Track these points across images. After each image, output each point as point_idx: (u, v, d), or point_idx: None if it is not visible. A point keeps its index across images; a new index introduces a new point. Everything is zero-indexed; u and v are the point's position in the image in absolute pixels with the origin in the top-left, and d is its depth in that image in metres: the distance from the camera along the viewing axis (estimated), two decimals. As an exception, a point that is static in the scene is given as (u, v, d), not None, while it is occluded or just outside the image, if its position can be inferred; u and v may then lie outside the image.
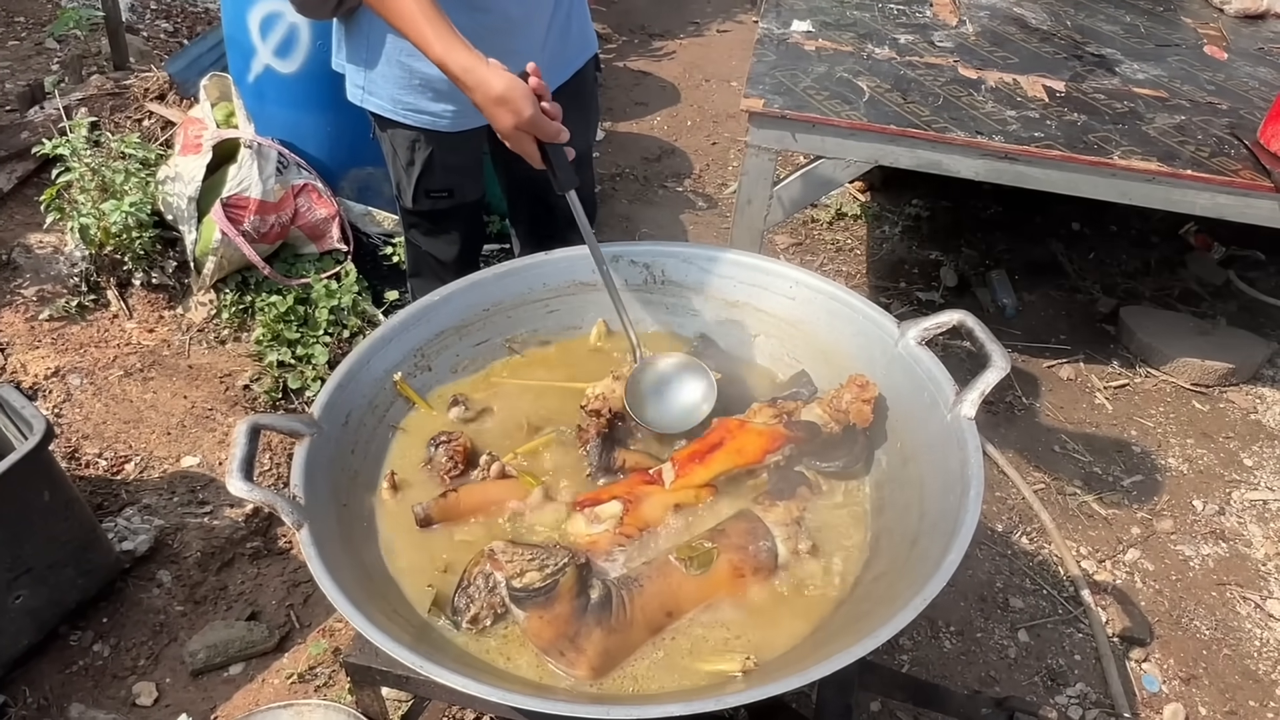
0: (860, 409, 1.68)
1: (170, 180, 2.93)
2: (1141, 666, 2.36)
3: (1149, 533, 2.70)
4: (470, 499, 1.59)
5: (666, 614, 1.45)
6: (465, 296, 1.97)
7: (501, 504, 1.60)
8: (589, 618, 1.39)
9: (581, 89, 2.24)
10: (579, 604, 1.39)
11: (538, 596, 1.37)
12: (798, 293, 1.95)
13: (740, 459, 1.64)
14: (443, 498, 1.58)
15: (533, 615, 1.38)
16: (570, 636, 1.37)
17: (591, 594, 1.41)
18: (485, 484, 1.63)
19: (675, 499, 1.62)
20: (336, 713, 1.67)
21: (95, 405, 2.65)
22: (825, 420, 1.69)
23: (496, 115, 1.63)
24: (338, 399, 1.72)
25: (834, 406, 1.70)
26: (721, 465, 1.64)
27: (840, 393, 1.71)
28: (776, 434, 1.66)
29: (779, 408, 1.70)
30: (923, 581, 1.36)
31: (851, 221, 3.98)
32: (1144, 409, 3.13)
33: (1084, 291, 3.62)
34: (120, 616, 2.21)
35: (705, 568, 1.48)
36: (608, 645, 1.38)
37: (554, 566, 1.39)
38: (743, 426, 1.67)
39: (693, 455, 1.66)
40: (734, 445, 1.64)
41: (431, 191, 2.18)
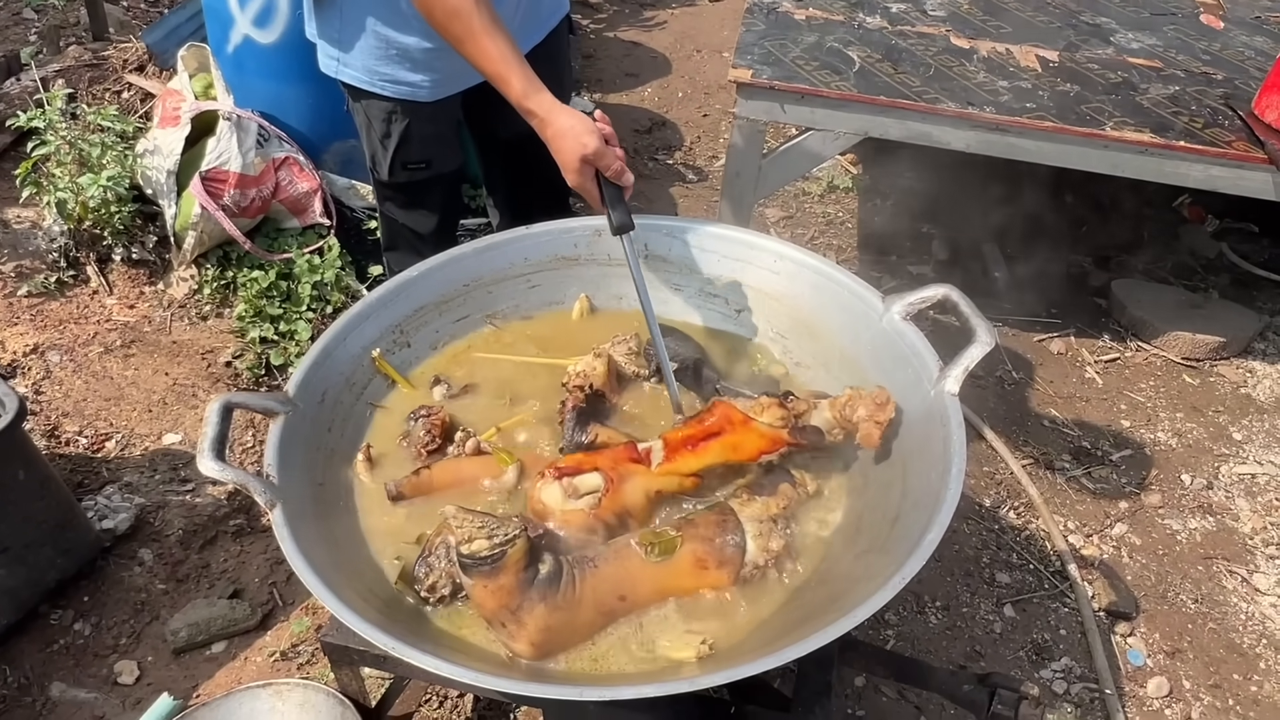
0: (869, 431, 1.57)
1: (149, 153, 2.89)
2: (1127, 641, 2.36)
3: (1137, 507, 2.69)
4: (443, 476, 1.57)
5: (619, 598, 1.40)
6: (445, 272, 1.94)
7: (475, 481, 1.58)
8: (533, 592, 1.35)
9: (554, 50, 2.20)
10: (525, 577, 1.35)
11: (483, 565, 1.33)
12: (782, 267, 1.92)
13: (734, 455, 1.56)
14: (415, 475, 1.57)
15: (477, 583, 1.35)
16: (513, 609, 1.34)
17: (540, 568, 1.37)
18: (459, 460, 1.61)
19: (659, 484, 1.54)
20: (316, 692, 1.66)
21: (75, 382, 2.62)
22: (831, 425, 1.61)
23: (564, 148, 1.68)
24: (314, 377, 1.69)
25: (844, 415, 1.60)
26: (713, 458, 1.55)
27: (854, 402, 1.60)
28: (777, 439, 1.57)
29: (790, 408, 1.60)
30: (903, 559, 1.34)
31: (843, 194, 3.94)
32: (1134, 383, 3.11)
33: (1075, 265, 3.60)
34: (101, 595, 2.19)
35: (667, 556, 1.43)
36: (550, 622, 1.35)
37: (503, 537, 1.35)
38: (746, 424, 1.57)
39: (686, 440, 1.57)
40: (731, 440, 1.56)
41: (409, 163, 2.14)
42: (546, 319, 2.02)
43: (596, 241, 2.03)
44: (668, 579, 1.43)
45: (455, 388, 1.81)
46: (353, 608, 1.30)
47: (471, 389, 1.83)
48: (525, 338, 1.97)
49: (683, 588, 1.44)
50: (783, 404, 1.59)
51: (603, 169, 1.69)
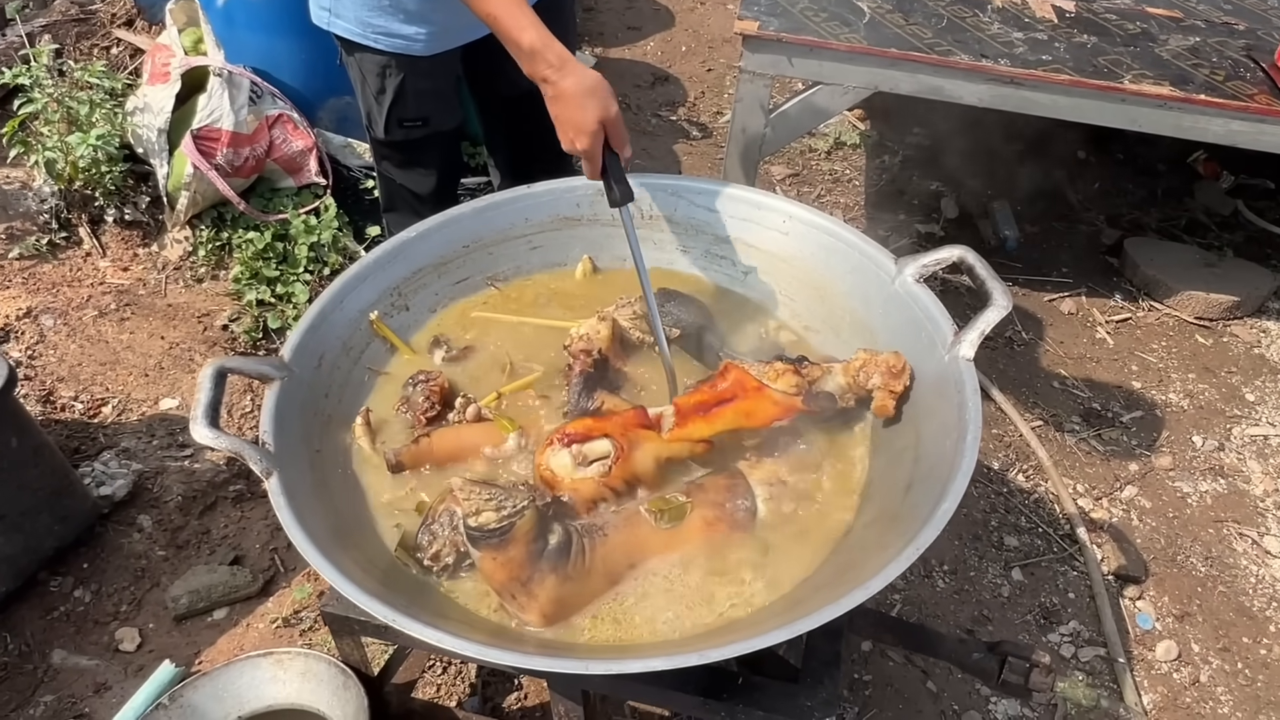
0: (883, 400, 1.54)
1: (139, 111, 2.81)
2: (1136, 604, 2.34)
3: (1147, 469, 2.66)
4: (443, 444, 1.54)
5: (630, 566, 1.39)
6: (444, 233, 1.89)
7: (476, 448, 1.54)
8: (544, 563, 1.33)
9: (559, 2, 2.11)
10: (535, 548, 1.33)
11: (492, 537, 1.31)
12: (791, 227, 1.86)
13: (747, 422, 1.53)
14: (414, 443, 1.53)
15: (486, 555, 1.33)
16: (523, 581, 1.32)
17: (550, 539, 1.34)
18: (459, 428, 1.57)
19: (670, 450, 1.51)
20: (317, 661, 1.63)
21: (70, 347, 2.58)
22: (844, 391, 1.57)
23: (585, 106, 1.57)
24: (309, 341, 1.65)
25: (858, 381, 1.56)
26: (726, 424, 1.52)
27: (868, 367, 1.56)
28: (791, 407, 1.53)
29: (804, 374, 1.55)
30: (916, 529, 1.31)
31: (850, 151, 3.86)
32: (1146, 343, 3.06)
33: (1088, 223, 3.53)
34: (101, 562, 2.17)
35: (676, 522, 1.41)
36: (561, 593, 1.33)
37: (511, 508, 1.32)
38: (760, 391, 1.53)
39: (698, 405, 1.53)
40: (744, 406, 1.52)
41: (405, 120, 2.07)
42: (549, 281, 1.97)
43: (600, 201, 1.96)
44: (677, 544, 1.40)
45: (455, 350, 1.77)
46: (351, 578, 1.27)
47: (471, 352, 1.79)
48: (527, 300, 1.92)
49: (694, 554, 1.41)
50: (797, 370, 1.55)
51: (613, 136, 1.61)
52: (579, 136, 1.59)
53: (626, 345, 1.77)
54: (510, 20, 1.59)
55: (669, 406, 1.56)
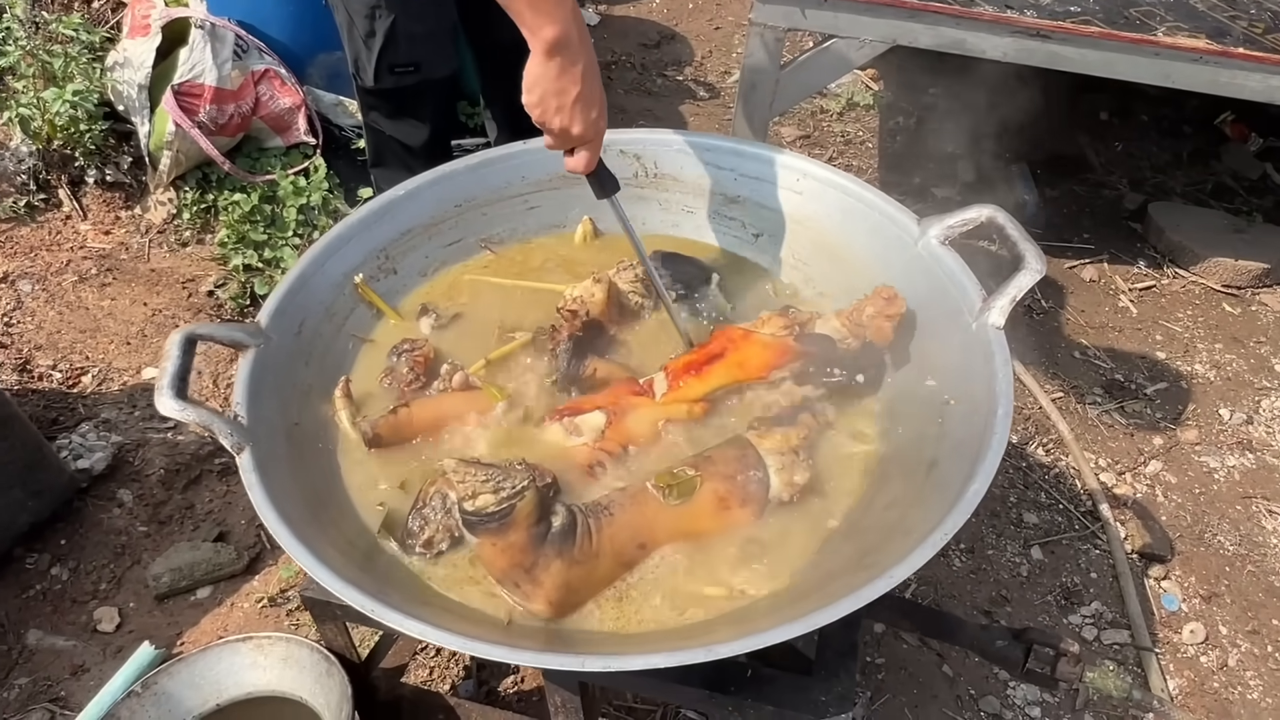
0: (880, 325, 1.50)
1: (119, 66, 2.68)
2: (1161, 584, 2.24)
3: (1172, 443, 2.55)
4: (423, 414, 1.43)
5: (639, 546, 1.29)
6: (434, 191, 1.78)
7: (460, 418, 1.44)
8: (548, 548, 1.24)
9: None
10: (538, 532, 1.24)
11: (490, 522, 1.22)
12: (805, 186, 1.74)
13: (741, 373, 1.48)
14: (393, 414, 1.42)
15: (485, 542, 1.24)
16: (526, 567, 1.23)
17: (554, 521, 1.26)
18: (441, 397, 1.46)
19: (665, 413, 1.46)
20: (299, 646, 1.54)
21: (48, 313, 2.47)
22: (842, 334, 1.52)
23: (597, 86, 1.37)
24: (289, 305, 1.54)
25: (853, 320, 1.51)
26: (719, 379, 1.47)
27: (862, 304, 1.52)
28: (785, 348, 1.48)
29: (790, 318, 1.52)
30: (941, 512, 1.21)
31: (863, 112, 3.71)
32: (1171, 312, 2.94)
33: (1110, 187, 3.39)
34: (79, 538, 2.08)
35: (686, 498, 1.32)
36: (569, 578, 1.24)
37: (510, 489, 1.23)
38: (747, 337, 1.50)
39: (689, 366, 1.49)
40: (735, 358, 1.48)
41: (396, 66, 1.94)
42: (547, 243, 1.85)
43: (603, 158, 1.84)
44: (689, 522, 1.32)
45: (444, 318, 1.65)
46: (329, 563, 1.17)
47: (461, 319, 1.67)
48: (524, 265, 1.80)
49: (705, 530, 1.32)
50: (783, 314, 1.51)
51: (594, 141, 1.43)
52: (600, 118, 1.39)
53: (625, 311, 1.66)
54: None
55: (660, 372, 1.49)
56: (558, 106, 1.35)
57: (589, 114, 1.36)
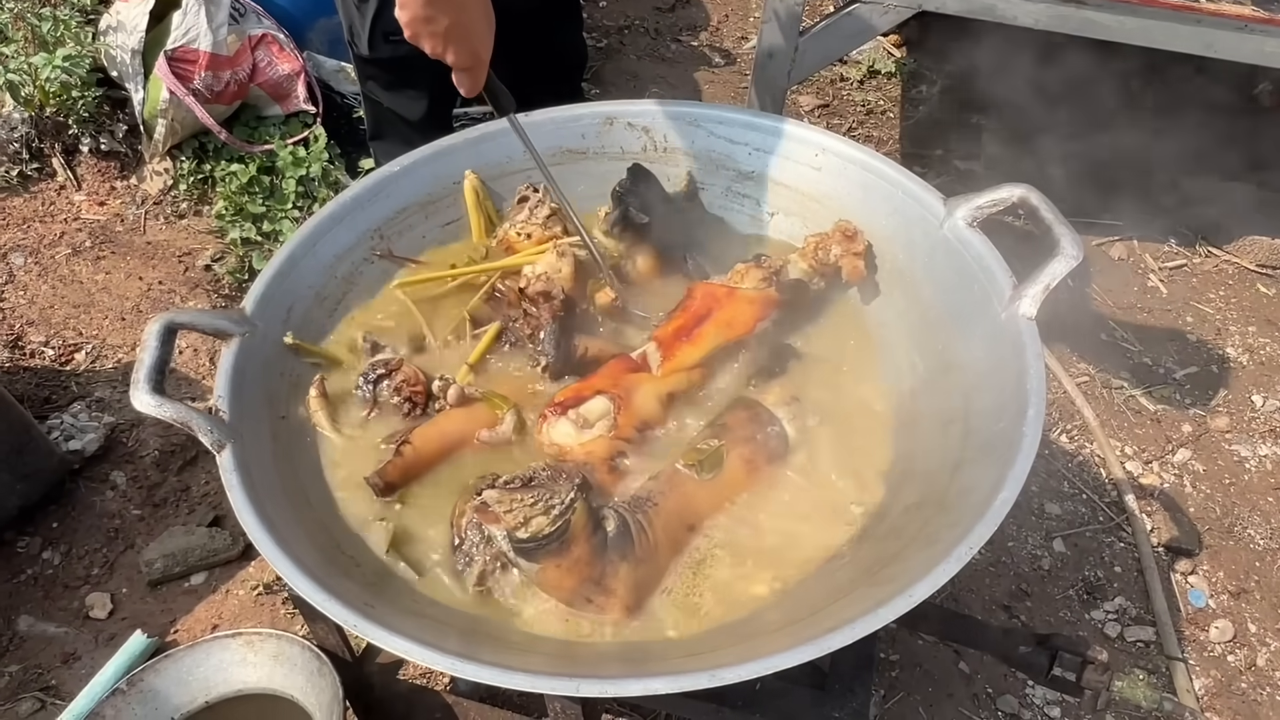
0: (852, 263, 1.50)
1: (112, 30, 2.59)
2: (1188, 579, 2.15)
3: (1202, 431, 2.45)
4: (429, 447, 1.33)
5: (688, 528, 1.29)
6: (432, 167, 1.69)
7: (467, 439, 1.35)
8: (611, 554, 1.20)
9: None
10: (596, 541, 1.19)
11: (550, 544, 1.16)
12: (824, 161, 1.65)
13: (731, 331, 1.45)
14: (398, 455, 1.31)
15: (548, 565, 1.18)
16: (596, 580, 1.19)
17: (607, 526, 1.21)
18: (441, 422, 1.36)
19: (668, 385, 1.42)
20: (291, 644, 1.48)
21: (41, 287, 2.40)
22: (810, 274, 1.52)
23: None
24: (276, 290, 1.47)
25: (819, 259, 1.51)
26: (712, 341, 1.45)
27: (825, 242, 1.52)
28: (769, 299, 1.47)
29: (766, 267, 1.50)
30: (968, 521, 1.13)
31: (885, 80, 3.57)
32: (1202, 293, 2.83)
33: (1140, 160, 3.25)
34: (71, 521, 2.03)
35: (717, 469, 1.31)
36: (637, 578, 1.21)
37: (561, 504, 1.17)
38: (731, 295, 1.47)
39: (679, 332, 1.45)
40: (723, 317, 1.45)
41: (391, 34, 1.85)
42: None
43: (607, 131, 1.76)
44: (725, 490, 1.32)
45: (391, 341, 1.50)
46: (312, 573, 1.10)
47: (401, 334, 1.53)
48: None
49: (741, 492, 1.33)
50: (758, 264, 1.50)
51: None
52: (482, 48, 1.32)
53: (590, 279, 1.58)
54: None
55: (650, 344, 1.45)
56: (429, 33, 1.28)
57: (464, 45, 1.29)
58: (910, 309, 1.51)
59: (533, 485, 1.20)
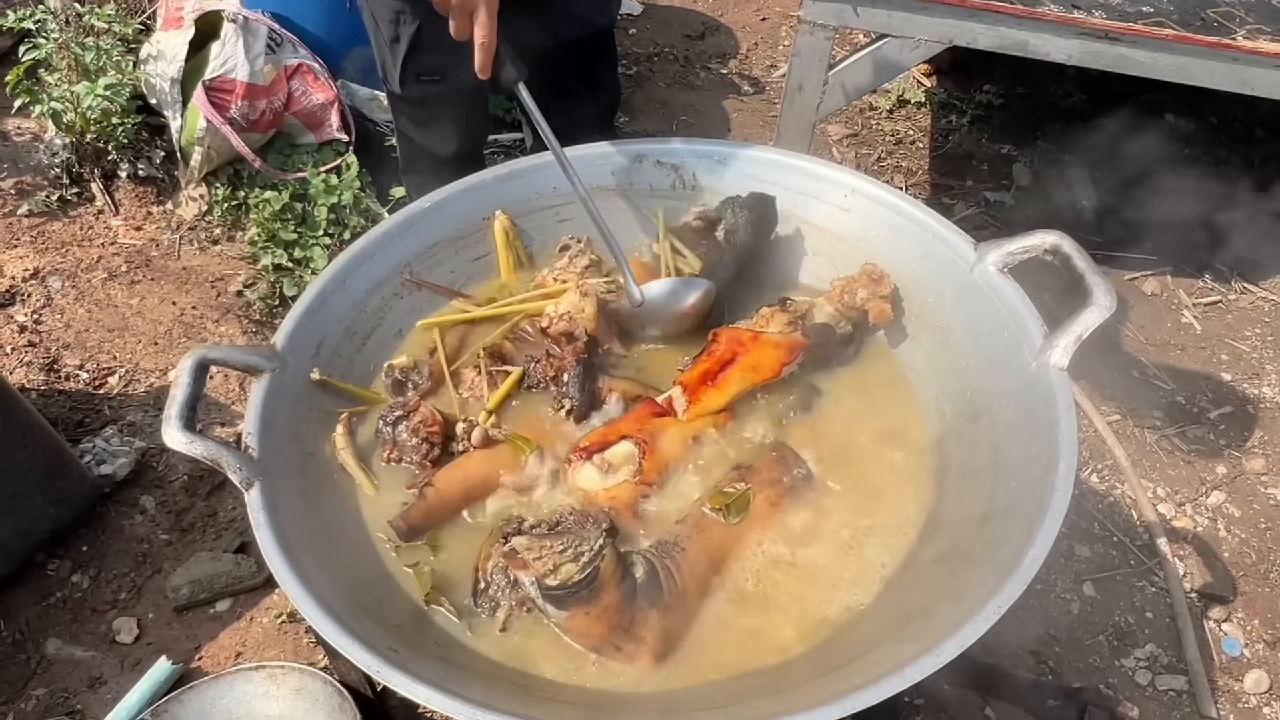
0: (879, 307, 1.50)
1: (152, 60, 2.64)
2: (1221, 627, 2.11)
3: (1237, 473, 2.40)
4: (452, 489, 1.33)
5: (716, 573, 1.28)
6: (461, 202, 1.70)
7: (490, 481, 1.35)
8: (641, 600, 1.19)
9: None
10: (625, 588, 1.19)
11: (580, 590, 1.16)
12: (854, 203, 1.64)
13: (757, 376, 1.45)
14: (421, 499, 1.32)
15: (577, 613, 1.17)
16: (625, 627, 1.18)
17: (636, 573, 1.21)
18: (464, 464, 1.36)
19: (693, 430, 1.42)
20: (313, 678, 1.49)
21: (77, 311, 2.44)
22: (836, 318, 1.51)
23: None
24: (307, 326, 1.48)
25: (845, 303, 1.51)
26: (738, 385, 1.45)
27: (851, 286, 1.52)
28: (794, 343, 1.47)
29: (791, 311, 1.50)
30: (997, 577, 1.11)
31: (914, 110, 3.56)
32: (1238, 330, 2.78)
33: (1175, 194, 3.21)
34: (101, 545, 2.05)
35: (744, 513, 1.31)
36: (667, 626, 1.20)
37: (590, 551, 1.17)
38: (756, 339, 1.47)
39: (704, 377, 1.45)
40: (748, 361, 1.46)
41: (422, 74, 1.87)
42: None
43: (637, 169, 1.76)
44: (752, 534, 1.32)
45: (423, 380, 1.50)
46: (342, 624, 1.10)
47: (438, 375, 1.52)
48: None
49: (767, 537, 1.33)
50: (784, 308, 1.51)
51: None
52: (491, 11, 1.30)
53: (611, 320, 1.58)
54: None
55: (676, 388, 1.45)
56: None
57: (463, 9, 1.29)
58: (939, 354, 1.50)
59: (561, 532, 1.20)
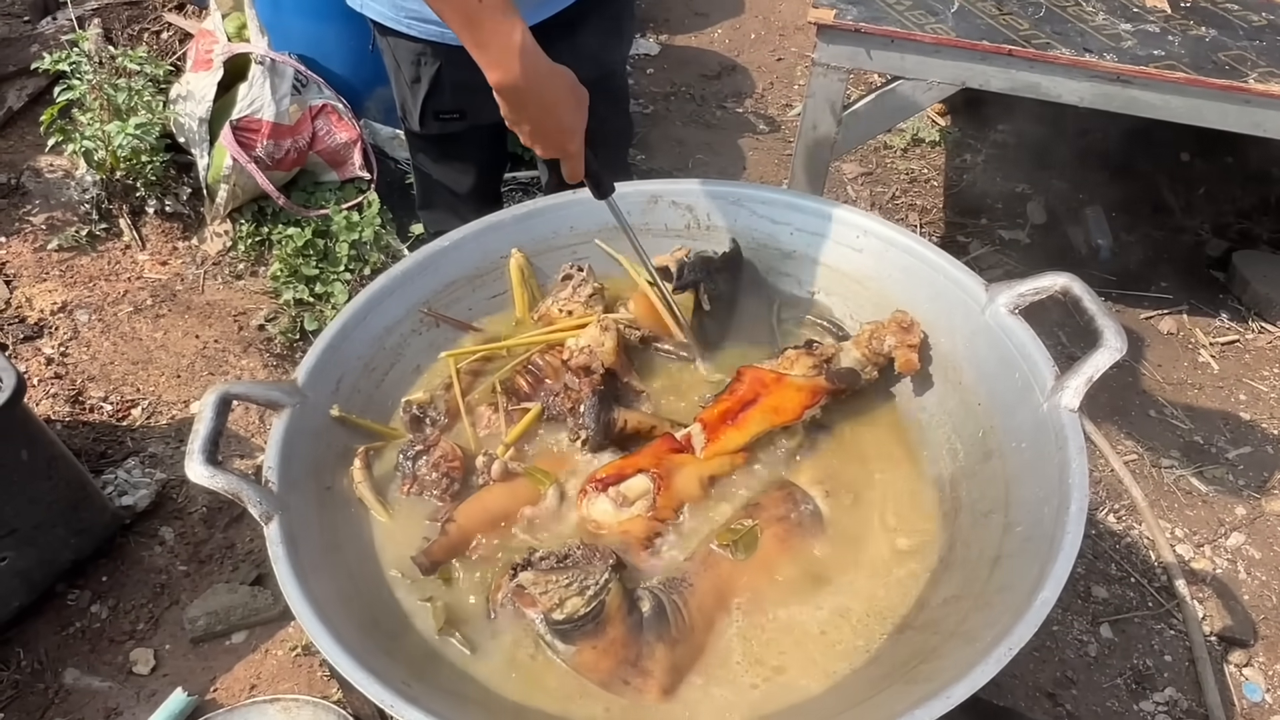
0: (906, 356, 1.49)
1: (182, 100, 2.71)
2: (1242, 672, 2.08)
3: (1256, 514, 2.38)
4: (473, 523, 1.35)
5: (723, 609, 1.29)
6: (479, 242, 1.73)
7: (510, 514, 1.37)
8: (648, 634, 1.20)
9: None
10: (632, 622, 1.20)
11: (586, 624, 1.18)
12: (866, 244, 1.66)
13: (777, 418, 1.46)
14: (443, 534, 1.33)
15: (584, 647, 1.19)
16: (632, 661, 1.19)
17: (642, 607, 1.22)
18: (484, 497, 1.38)
19: (710, 469, 1.43)
20: (326, 712, 1.50)
21: (103, 344, 2.49)
22: (862, 363, 1.51)
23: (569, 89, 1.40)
24: (327, 362, 1.50)
25: (873, 349, 1.51)
26: (757, 426, 1.45)
27: (880, 332, 1.52)
28: (817, 388, 1.47)
29: (817, 355, 1.50)
30: (1007, 620, 1.11)
31: (929, 148, 3.59)
32: (1256, 370, 2.77)
33: (1191, 232, 3.22)
34: (120, 576, 2.07)
35: (751, 550, 1.32)
36: (674, 660, 1.21)
37: (596, 585, 1.19)
38: (780, 381, 1.47)
39: (724, 416, 1.46)
40: (770, 403, 1.46)
41: (441, 113, 1.92)
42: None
43: (651, 209, 1.79)
44: (760, 571, 1.32)
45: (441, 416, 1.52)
46: (357, 657, 1.11)
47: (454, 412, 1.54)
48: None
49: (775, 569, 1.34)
50: (809, 352, 1.50)
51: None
52: (568, 140, 1.42)
53: (631, 353, 1.61)
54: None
55: (695, 425, 1.46)
56: (520, 131, 1.42)
57: (550, 141, 1.41)
58: (950, 394, 1.51)
59: (568, 565, 1.21)
